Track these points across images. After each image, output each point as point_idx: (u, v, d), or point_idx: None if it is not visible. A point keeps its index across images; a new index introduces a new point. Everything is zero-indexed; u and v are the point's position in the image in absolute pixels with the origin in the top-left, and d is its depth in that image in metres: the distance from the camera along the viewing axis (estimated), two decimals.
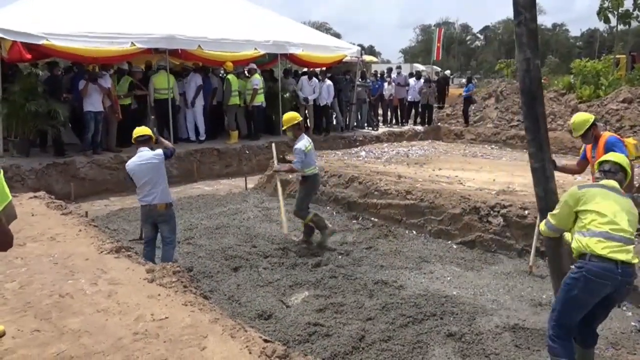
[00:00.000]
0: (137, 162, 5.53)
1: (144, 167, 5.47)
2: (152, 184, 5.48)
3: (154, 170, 5.48)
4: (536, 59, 3.88)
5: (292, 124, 6.62)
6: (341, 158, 10.53)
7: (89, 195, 9.49)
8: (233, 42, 12.19)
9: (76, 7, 10.98)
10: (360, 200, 8.03)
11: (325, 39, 15.78)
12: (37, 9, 10.75)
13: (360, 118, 16.05)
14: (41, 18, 10.11)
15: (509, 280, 5.77)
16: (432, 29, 63.95)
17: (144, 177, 5.48)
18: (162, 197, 5.51)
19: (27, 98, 9.46)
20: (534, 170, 4.09)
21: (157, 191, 5.49)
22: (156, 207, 5.50)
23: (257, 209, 8.54)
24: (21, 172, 8.99)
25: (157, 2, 12.44)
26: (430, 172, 9.05)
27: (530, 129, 4.03)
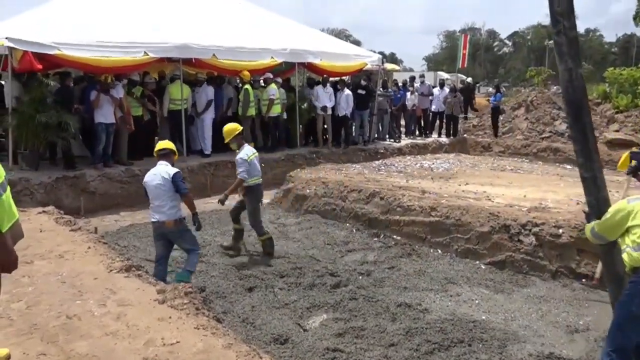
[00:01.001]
0: (150, 175, 5.66)
1: (153, 182, 5.58)
2: (159, 200, 5.56)
3: (163, 188, 5.55)
4: (578, 68, 3.86)
5: (234, 135, 6.85)
6: (361, 172, 10.49)
7: (99, 210, 9.59)
8: (249, 50, 12.31)
9: (88, 16, 11.22)
10: (382, 217, 7.98)
11: (344, 47, 15.87)
12: (49, 18, 11.01)
13: (381, 129, 16.03)
14: (53, 27, 10.34)
15: (543, 304, 5.64)
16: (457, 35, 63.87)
17: (152, 192, 5.59)
18: (170, 214, 5.55)
19: (38, 109, 9.63)
20: (584, 179, 4.14)
21: (165, 207, 5.54)
22: (164, 224, 5.56)
23: (272, 225, 8.53)
24: (30, 186, 9.13)
25: (170, 11, 12.65)
26: (456, 187, 8.95)
27: (577, 140, 4.04)
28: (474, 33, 74.68)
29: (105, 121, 10.32)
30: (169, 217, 5.54)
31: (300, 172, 10.33)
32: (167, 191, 5.55)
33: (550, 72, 23.16)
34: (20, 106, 9.67)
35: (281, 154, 12.74)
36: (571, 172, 12.28)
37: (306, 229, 8.26)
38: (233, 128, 6.92)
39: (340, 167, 10.92)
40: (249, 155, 6.84)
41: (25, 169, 9.83)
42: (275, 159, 12.42)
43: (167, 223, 5.54)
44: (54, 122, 9.62)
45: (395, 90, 16.78)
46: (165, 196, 5.55)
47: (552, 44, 14.93)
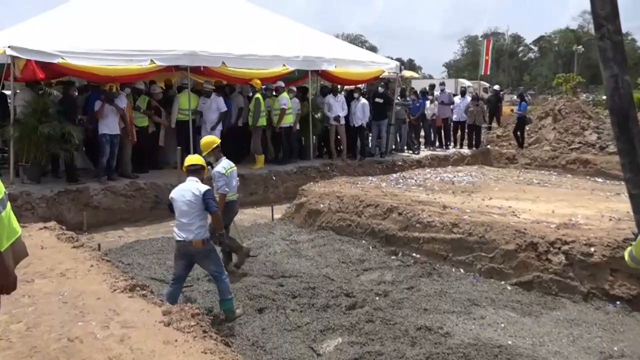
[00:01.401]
0: (178, 191, 5.65)
1: (182, 199, 5.57)
2: (188, 217, 5.53)
3: (192, 205, 5.54)
4: (624, 75, 3.81)
5: (212, 148, 6.89)
6: (378, 185, 10.47)
7: (102, 226, 9.67)
8: (259, 58, 12.42)
9: (93, 23, 11.41)
10: (400, 234, 7.94)
11: (360, 53, 15.93)
12: (52, 26, 11.21)
13: (399, 140, 16.02)
14: (56, 35, 10.53)
15: (574, 328, 5.56)
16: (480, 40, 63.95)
17: (180, 209, 5.56)
18: (197, 233, 5.54)
19: (40, 120, 9.79)
20: (632, 196, 4.01)
21: (194, 226, 5.53)
22: (191, 244, 5.53)
23: (284, 242, 8.54)
24: (31, 200, 9.25)
25: (178, 17, 12.81)
26: (479, 202, 8.89)
27: (625, 152, 3.94)
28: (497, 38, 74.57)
29: (109, 132, 10.45)
30: (196, 236, 5.52)
31: (313, 186, 10.34)
32: (197, 209, 5.54)
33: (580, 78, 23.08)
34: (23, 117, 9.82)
35: (293, 166, 12.77)
36: (603, 185, 12.15)
37: (320, 246, 8.25)
38: (210, 141, 6.97)
39: (355, 181, 10.91)
40: (227, 169, 6.85)
41: (26, 182, 9.96)
42: (287, 171, 12.46)
43: (194, 243, 5.52)
44: (57, 133, 9.77)
45: (413, 98, 16.80)
46: (195, 214, 5.54)
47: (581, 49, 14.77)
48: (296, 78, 14.73)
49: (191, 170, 5.77)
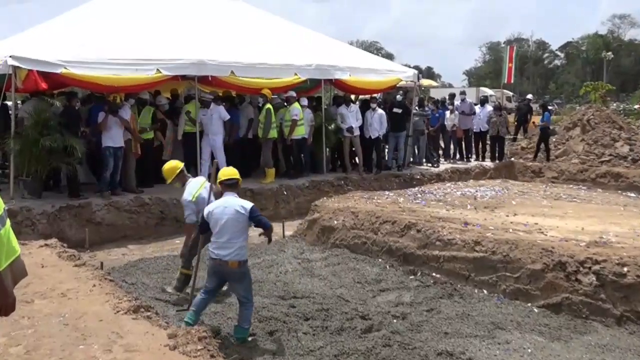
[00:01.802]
0: (219, 207, 5.60)
1: (224, 216, 5.52)
2: (228, 235, 5.50)
3: (235, 223, 5.51)
4: None
5: (176, 174, 6.91)
6: (395, 200, 10.45)
7: (105, 243, 9.74)
8: (270, 66, 12.52)
9: (96, 32, 11.59)
10: (419, 252, 7.90)
11: (375, 61, 16.01)
12: (54, 34, 11.40)
13: (417, 153, 16.00)
14: (58, 44, 10.70)
15: (606, 354, 5.48)
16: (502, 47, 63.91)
17: (221, 224, 5.52)
18: (236, 254, 5.52)
19: (42, 132, 9.91)
20: None
21: (233, 246, 5.51)
22: (227, 264, 5.51)
23: (296, 260, 8.53)
24: (32, 216, 9.35)
25: (185, 25, 12.97)
26: (503, 219, 8.83)
27: None
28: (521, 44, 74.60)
29: (113, 145, 10.56)
30: (234, 257, 5.50)
31: (326, 201, 10.34)
32: (240, 227, 5.53)
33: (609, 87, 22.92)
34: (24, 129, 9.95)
35: (305, 180, 12.80)
36: (636, 200, 12.02)
37: (333, 265, 8.23)
38: (173, 167, 6.97)
39: (371, 196, 10.89)
40: (193, 194, 6.71)
41: (26, 197, 10.07)
42: (298, 186, 12.49)
43: (230, 263, 5.50)
44: (58, 146, 9.88)
45: (432, 108, 16.78)
46: (238, 233, 5.52)
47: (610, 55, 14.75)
48: (308, 87, 14.82)
49: (228, 185, 5.76)
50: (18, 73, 9.68)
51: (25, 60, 9.69)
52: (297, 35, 15.04)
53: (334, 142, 14.07)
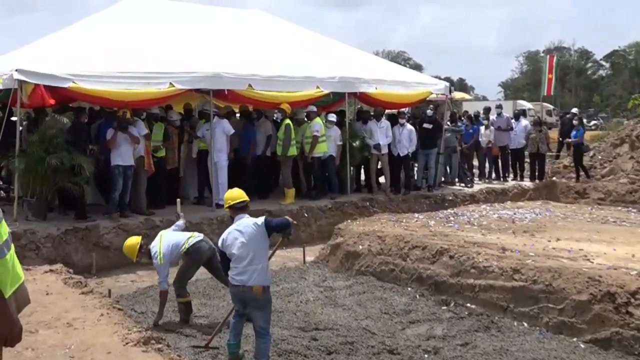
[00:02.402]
0: (233, 232, 5.70)
1: (242, 237, 5.61)
2: (249, 258, 5.56)
3: (254, 241, 5.58)
4: None
5: (137, 250, 7.19)
6: (426, 224, 10.39)
7: (113, 269, 9.82)
8: (290, 79, 12.63)
9: (106, 44, 11.78)
10: (452, 280, 7.84)
11: (403, 73, 16.08)
12: (61, 48, 11.61)
13: (449, 172, 15.93)
14: (66, 58, 10.90)
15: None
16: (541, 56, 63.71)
17: (239, 248, 5.59)
18: (260, 277, 5.56)
19: (48, 150, 10.08)
20: None
21: (255, 269, 5.55)
22: (251, 290, 5.54)
23: (318, 288, 8.51)
24: (36, 239, 9.48)
25: (199, 36, 13.18)
26: (544, 244, 8.72)
27: None
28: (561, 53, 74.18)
29: (122, 163, 10.70)
30: (258, 281, 5.53)
31: (351, 224, 10.33)
32: (260, 245, 5.62)
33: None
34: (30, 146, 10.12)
35: (328, 201, 12.82)
36: None
37: (358, 293, 8.20)
38: (131, 244, 7.27)
39: (399, 218, 10.85)
40: (159, 257, 6.96)
41: (31, 219, 10.23)
42: (320, 207, 12.50)
43: (254, 289, 5.52)
44: (65, 165, 10.03)
45: (466, 124, 16.74)
46: (259, 252, 5.60)
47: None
48: (331, 101, 14.90)
49: (238, 208, 5.87)
50: (24, 88, 9.87)
51: (31, 74, 9.88)
52: (319, 46, 15.18)
53: (359, 160, 14.09)
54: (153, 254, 7.04)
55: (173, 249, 7.03)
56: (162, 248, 7.00)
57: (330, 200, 12.87)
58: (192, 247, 7.08)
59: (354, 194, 13.90)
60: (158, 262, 6.97)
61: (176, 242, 7.08)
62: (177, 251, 7.05)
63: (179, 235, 7.28)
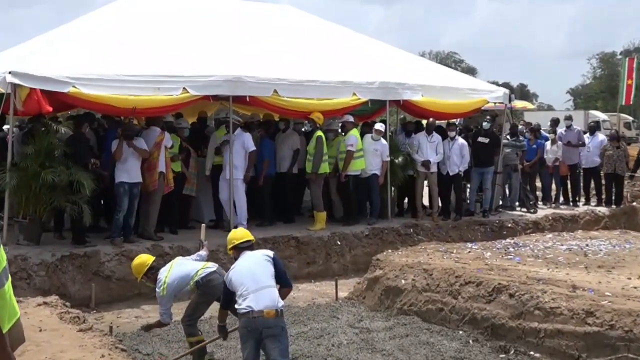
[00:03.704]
0: (239, 263, 6.03)
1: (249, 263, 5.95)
2: (255, 281, 5.77)
3: (263, 267, 5.89)
4: None
5: (144, 271, 7.32)
6: (480, 255, 10.31)
7: (114, 302, 9.95)
8: (322, 85, 12.69)
9: (111, 44, 11.99)
10: (512, 323, 7.75)
11: (455, 78, 16.04)
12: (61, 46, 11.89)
13: (508, 194, 15.81)
14: (66, 58, 11.14)
15: None
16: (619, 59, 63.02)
17: (247, 274, 5.84)
18: (270, 299, 5.70)
19: (43, 164, 10.25)
20: None
21: (264, 292, 5.71)
22: (262, 315, 5.62)
23: (352, 330, 8.48)
24: (28, 267, 9.61)
25: (217, 35, 13.32)
26: (623, 282, 8.58)
27: None
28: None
29: (128, 180, 10.84)
30: (269, 305, 5.67)
31: (391, 255, 10.29)
32: (269, 269, 5.91)
33: None
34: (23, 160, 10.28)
35: (365, 227, 12.81)
36: None
37: (400, 337, 8.14)
38: (142, 262, 7.43)
39: (449, 248, 10.78)
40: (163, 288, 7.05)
41: (22, 243, 10.39)
42: (356, 234, 12.50)
43: (266, 313, 5.63)
44: (63, 181, 10.18)
45: (528, 138, 16.61)
46: (268, 276, 5.86)
47: None
48: (369, 111, 14.94)
49: (244, 248, 6.20)
50: (18, 92, 10.00)
51: (26, 77, 10.03)
52: (356, 46, 15.23)
53: (402, 179, 14.05)
54: (157, 282, 7.11)
55: (180, 281, 7.08)
56: (169, 278, 7.06)
57: (368, 226, 12.85)
58: (203, 279, 7.08)
59: (395, 218, 13.87)
60: (160, 293, 7.04)
61: (185, 274, 7.12)
62: (184, 284, 7.10)
63: (191, 265, 7.33)
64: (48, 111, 10.56)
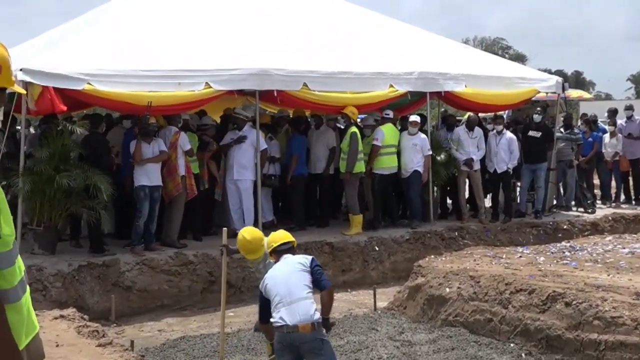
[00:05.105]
0: (276, 271, 6.02)
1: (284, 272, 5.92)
2: (289, 292, 5.74)
3: (298, 276, 5.85)
4: None
5: (264, 248, 6.74)
6: (533, 260, 10.23)
7: (135, 314, 10.05)
8: (356, 76, 12.72)
9: (128, 36, 12.11)
10: (569, 335, 7.67)
11: (502, 66, 15.94)
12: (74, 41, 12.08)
13: (563, 192, 15.66)
14: (80, 53, 11.30)
15: None
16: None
17: (282, 284, 5.82)
18: (305, 312, 5.67)
19: (58, 168, 10.39)
20: None
21: (298, 305, 5.69)
22: (297, 330, 5.62)
23: (393, 343, 8.47)
24: (43, 278, 9.74)
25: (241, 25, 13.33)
26: None
27: None
28: None
29: (149, 183, 10.93)
30: (304, 318, 5.65)
31: (434, 261, 10.25)
32: (305, 279, 5.88)
33: None
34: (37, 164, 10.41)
35: (405, 231, 12.79)
36: None
37: (445, 350, 8.11)
38: (261, 236, 6.95)
39: (498, 253, 10.71)
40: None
41: (37, 252, 10.53)
42: (395, 239, 12.50)
43: (301, 327, 5.62)
44: (79, 185, 10.29)
45: (584, 130, 16.44)
46: (304, 287, 5.81)
47: None
48: (407, 103, 14.89)
49: (283, 250, 6.21)
50: (30, 91, 10.12)
51: (39, 74, 10.18)
52: (393, 34, 15.17)
53: (444, 178, 13.98)
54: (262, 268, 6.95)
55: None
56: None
57: (409, 230, 12.82)
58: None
59: (438, 221, 13.83)
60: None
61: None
62: None
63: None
64: (62, 110, 10.71)
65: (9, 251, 2.86)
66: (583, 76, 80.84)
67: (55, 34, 13.38)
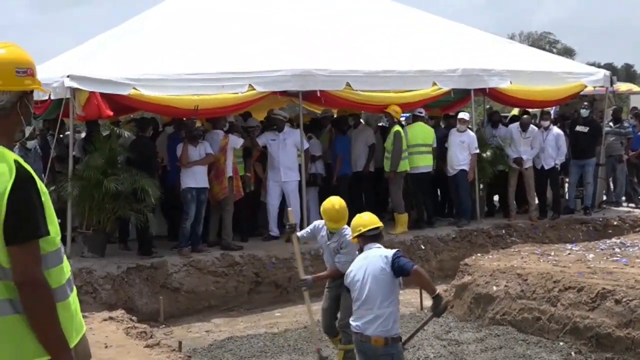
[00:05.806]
0: (357, 264, 5.88)
1: (366, 272, 5.71)
2: (367, 301, 5.65)
3: (377, 282, 5.64)
4: None
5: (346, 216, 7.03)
6: (582, 257, 10.09)
7: (183, 315, 10.17)
8: (399, 75, 12.70)
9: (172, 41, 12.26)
10: (619, 333, 7.57)
11: (548, 61, 15.75)
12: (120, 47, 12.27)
13: (613, 188, 15.44)
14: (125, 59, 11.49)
15: None
16: None
17: (361, 287, 5.72)
18: (382, 326, 5.58)
19: (106, 172, 10.56)
20: None
21: (375, 315, 5.60)
22: (370, 341, 5.59)
23: (440, 342, 8.46)
24: (93, 280, 9.92)
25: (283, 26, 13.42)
26: None
27: None
28: None
29: (195, 185, 11.06)
30: (378, 331, 5.58)
31: (481, 259, 10.19)
32: (388, 288, 5.66)
33: None
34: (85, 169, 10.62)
35: (451, 230, 12.76)
36: None
37: (493, 349, 8.08)
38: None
39: (546, 250, 10.60)
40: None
41: (86, 255, 10.72)
42: (442, 237, 12.47)
43: (374, 340, 5.57)
44: (126, 189, 10.45)
45: (634, 124, 16.18)
46: (382, 296, 5.62)
47: None
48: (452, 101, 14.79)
49: (371, 237, 6.01)
50: (77, 97, 10.34)
51: (85, 80, 10.36)
52: (435, 31, 15.09)
53: (491, 175, 13.86)
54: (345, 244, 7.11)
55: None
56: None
57: (455, 229, 12.77)
58: None
59: (485, 219, 13.75)
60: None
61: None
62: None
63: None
64: (109, 115, 10.91)
65: (56, 250, 2.95)
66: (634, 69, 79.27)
67: (100, 41, 13.60)
